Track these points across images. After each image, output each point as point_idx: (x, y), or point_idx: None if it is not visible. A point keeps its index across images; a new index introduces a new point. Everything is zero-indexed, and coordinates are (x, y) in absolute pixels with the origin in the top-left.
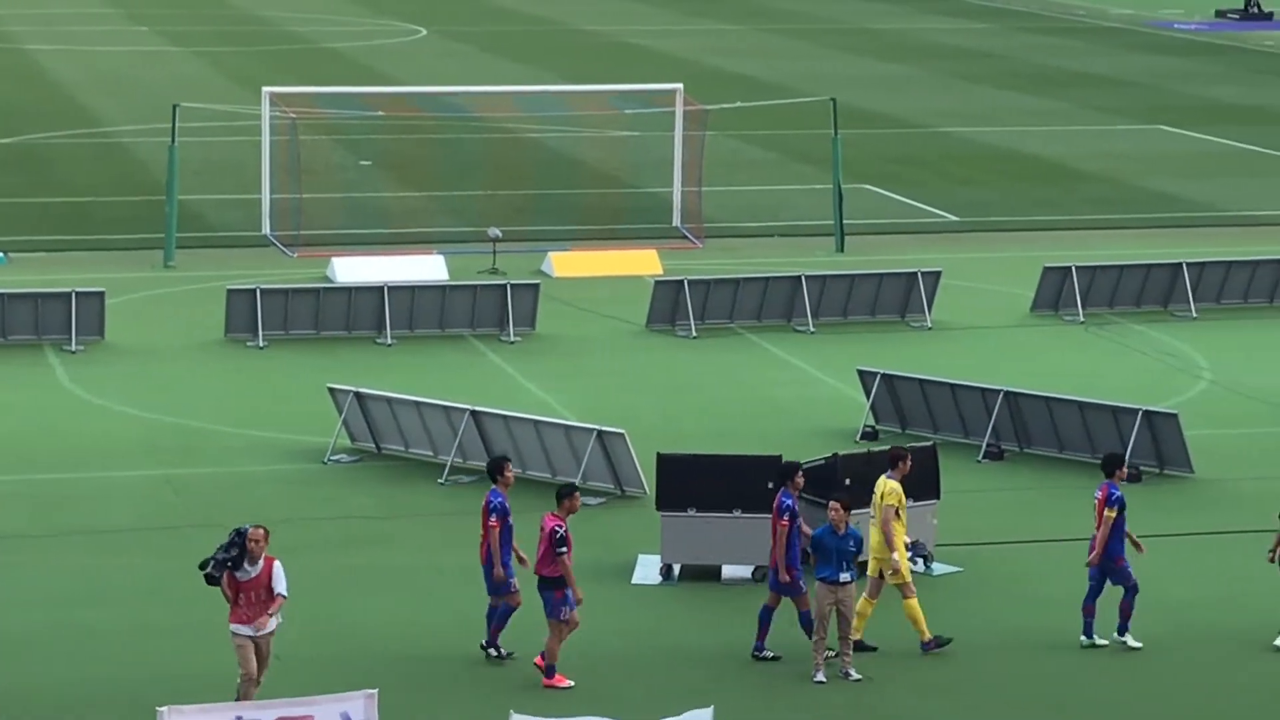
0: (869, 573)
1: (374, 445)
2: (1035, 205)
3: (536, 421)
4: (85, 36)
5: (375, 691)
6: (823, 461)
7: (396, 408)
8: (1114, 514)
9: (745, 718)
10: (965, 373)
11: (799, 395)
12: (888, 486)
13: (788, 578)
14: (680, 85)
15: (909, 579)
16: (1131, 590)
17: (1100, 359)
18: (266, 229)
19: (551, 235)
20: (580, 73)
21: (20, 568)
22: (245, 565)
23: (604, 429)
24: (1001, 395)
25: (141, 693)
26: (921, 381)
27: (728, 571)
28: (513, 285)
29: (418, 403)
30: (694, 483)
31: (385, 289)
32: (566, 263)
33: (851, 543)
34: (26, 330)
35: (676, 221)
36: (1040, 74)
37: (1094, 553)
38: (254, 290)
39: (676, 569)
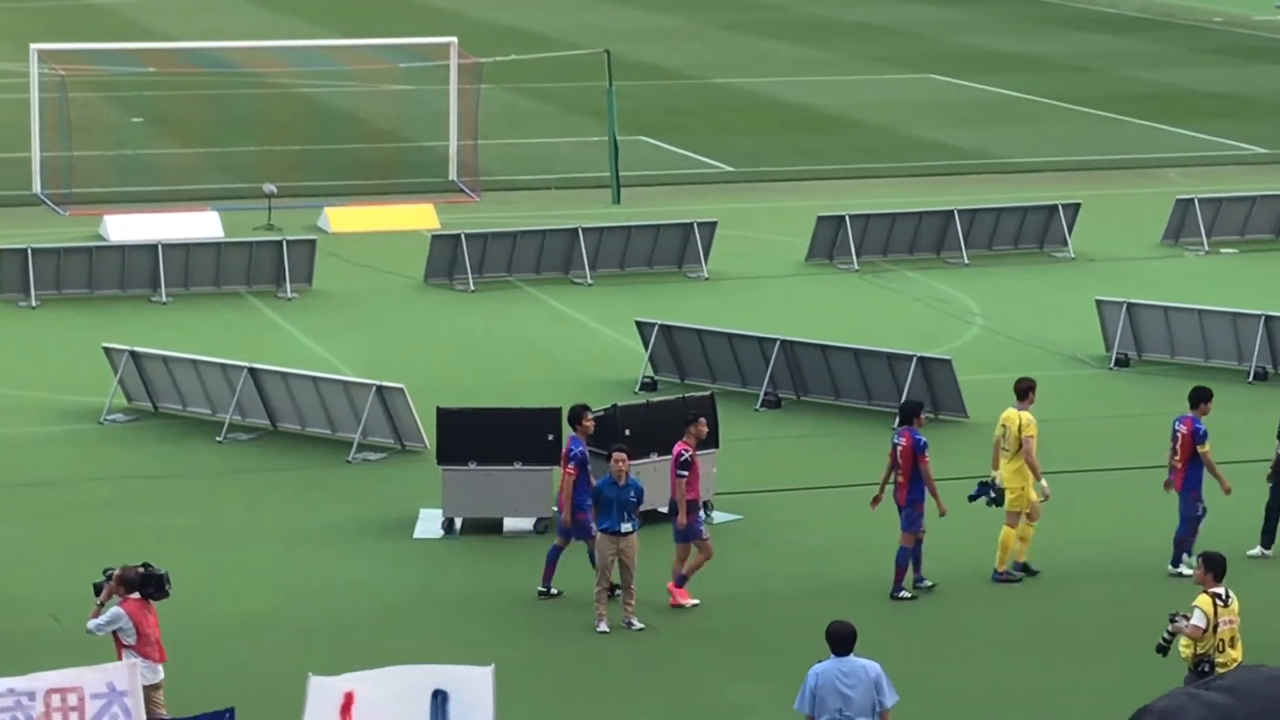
0: (1006, 506)
1: (151, 404)
2: (808, 155)
3: (315, 378)
4: None
5: (136, 661)
6: (602, 413)
7: (173, 366)
8: (1206, 448)
9: (529, 669)
10: (742, 322)
11: (578, 347)
12: (1024, 419)
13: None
14: (455, 39)
15: (1039, 508)
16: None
17: (875, 306)
18: (37, 188)
19: (327, 191)
20: (354, 27)
21: None
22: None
23: (383, 384)
24: (778, 344)
25: None
26: (699, 332)
27: (509, 524)
28: (289, 241)
29: (195, 361)
30: (474, 436)
31: (159, 247)
32: (342, 218)
33: (632, 493)
34: None
35: (453, 175)
36: (811, 23)
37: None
38: (25, 250)
39: (458, 523)
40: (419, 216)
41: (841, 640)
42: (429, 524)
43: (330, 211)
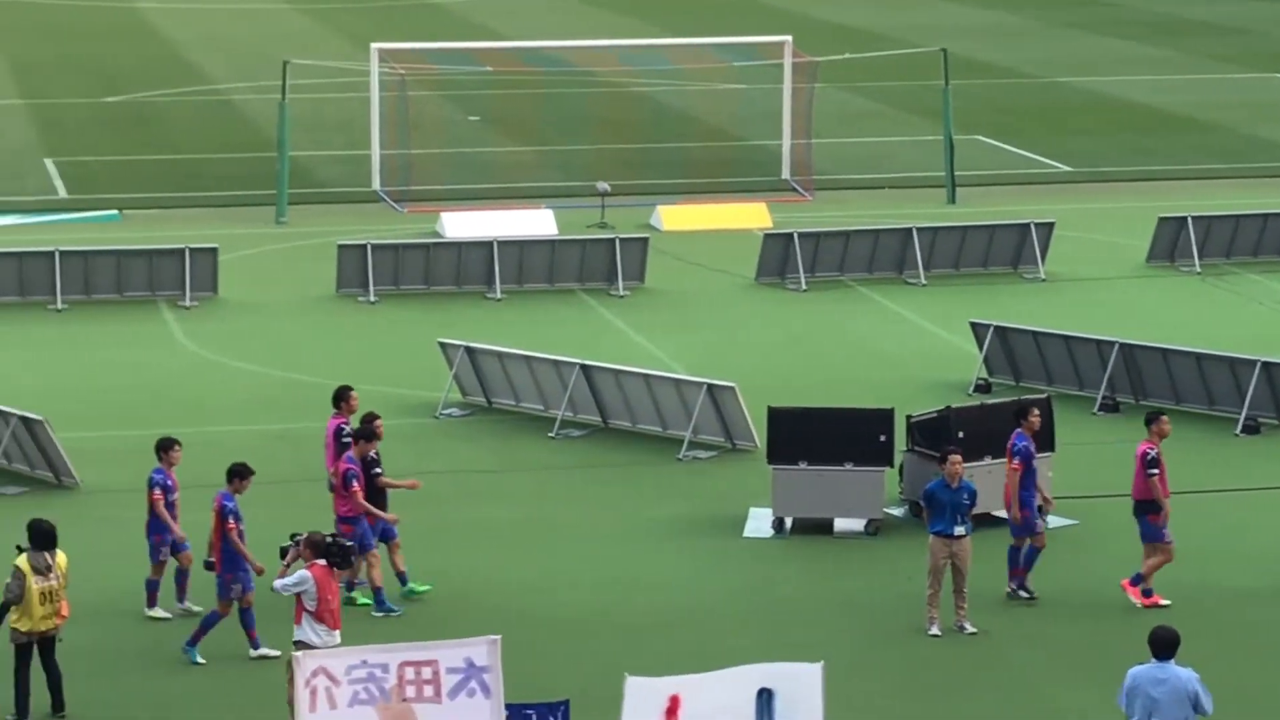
0: None
1: (485, 400)
2: (1148, 155)
3: (647, 376)
4: None
5: (498, 638)
6: (935, 414)
7: (507, 362)
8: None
9: (858, 671)
10: (1080, 324)
11: (910, 348)
12: None
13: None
14: (789, 38)
15: None
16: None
17: (1217, 310)
18: (377, 185)
19: (660, 189)
20: (687, 25)
21: (131, 522)
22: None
23: (715, 382)
24: (1117, 347)
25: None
26: (1035, 334)
27: (840, 525)
28: (621, 239)
29: (528, 357)
30: (805, 436)
31: (494, 244)
32: (675, 216)
33: (965, 496)
34: (141, 287)
35: (786, 174)
36: (1154, 22)
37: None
38: (364, 246)
39: (788, 522)
40: (751, 215)
41: (1162, 645)
42: (759, 523)
43: (663, 210)
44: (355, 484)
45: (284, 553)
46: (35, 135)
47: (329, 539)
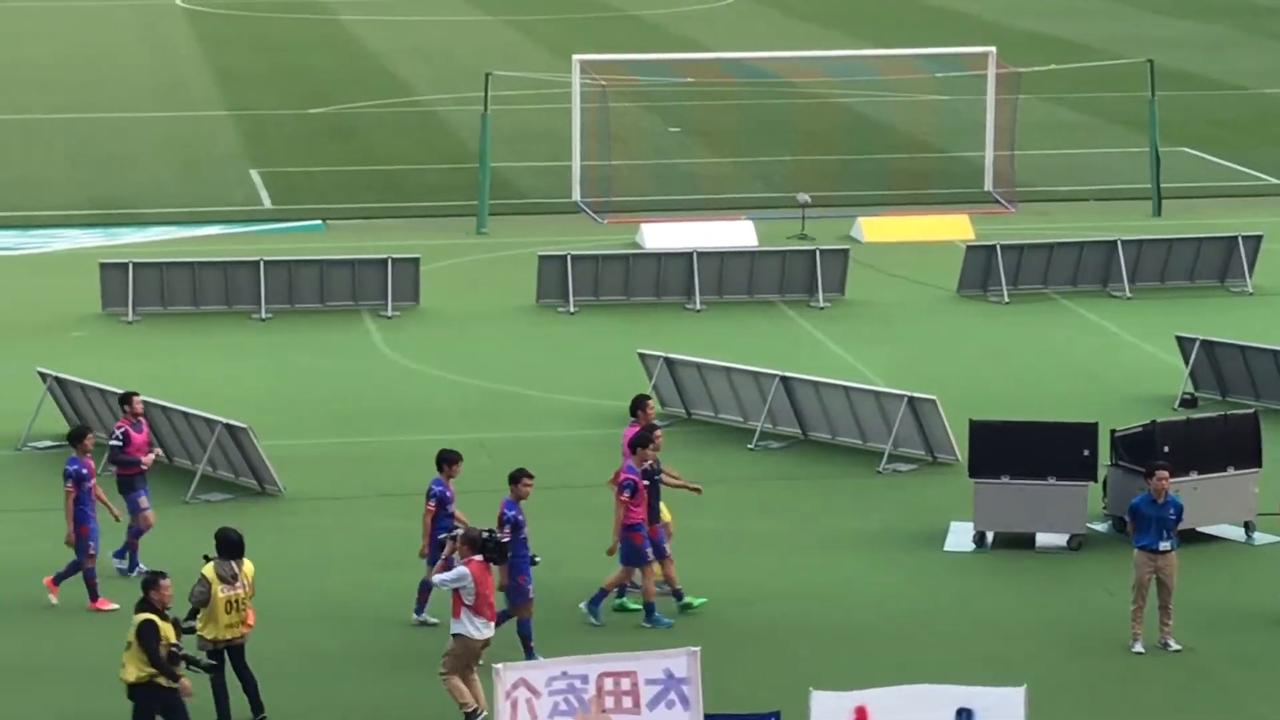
0: None
1: (684, 410)
2: None
3: (847, 388)
4: (398, 6)
5: (697, 649)
6: (1140, 429)
7: (706, 373)
8: None
9: (1059, 688)
10: None
11: (1115, 361)
12: None
13: None
14: (993, 49)
15: None
16: None
17: None
18: (577, 195)
19: (861, 200)
20: (887, 36)
21: (331, 530)
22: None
23: (915, 395)
24: None
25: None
26: (1242, 348)
27: (1042, 540)
28: (822, 251)
29: (727, 368)
30: (1008, 449)
31: (694, 255)
32: (876, 228)
33: (1171, 511)
34: (344, 296)
35: (988, 186)
36: None
37: None
38: (564, 257)
39: (989, 536)
40: (953, 227)
41: None
42: (960, 537)
43: (864, 221)
44: (627, 493)
45: (440, 545)
46: (242, 146)
47: (485, 534)
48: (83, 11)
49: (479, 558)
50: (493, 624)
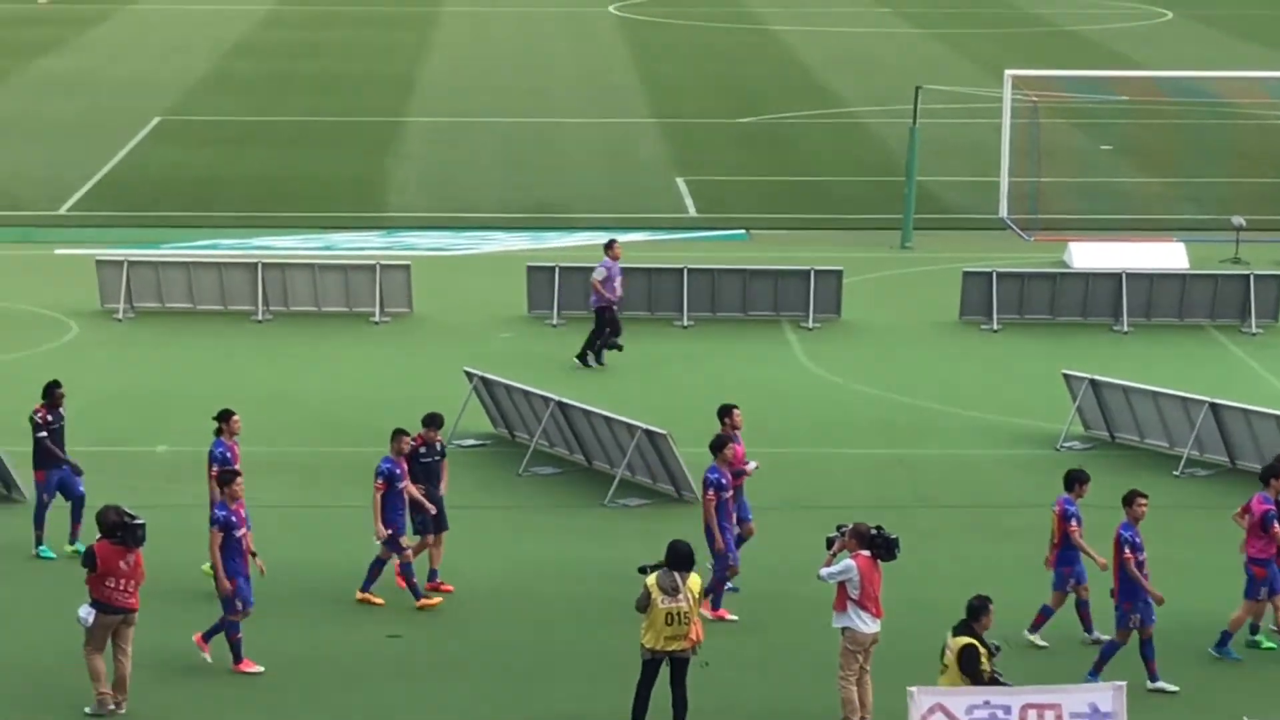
0: None
1: (1108, 434)
2: None
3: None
4: (829, 18)
5: (1123, 684)
6: None
7: (1132, 396)
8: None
9: None
10: None
11: None
12: None
13: None
14: None
15: None
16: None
17: None
18: (1003, 212)
19: None
20: None
21: (749, 542)
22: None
23: None
24: None
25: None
26: None
27: None
28: (1256, 276)
29: (1154, 392)
30: None
31: (1123, 275)
32: None
33: None
34: (766, 306)
35: None
36: None
37: None
38: (990, 273)
39: None
40: None
41: None
42: None
43: None
44: (1276, 525)
45: (829, 543)
46: (669, 154)
47: (874, 530)
48: (518, 18)
49: (866, 553)
50: (879, 619)
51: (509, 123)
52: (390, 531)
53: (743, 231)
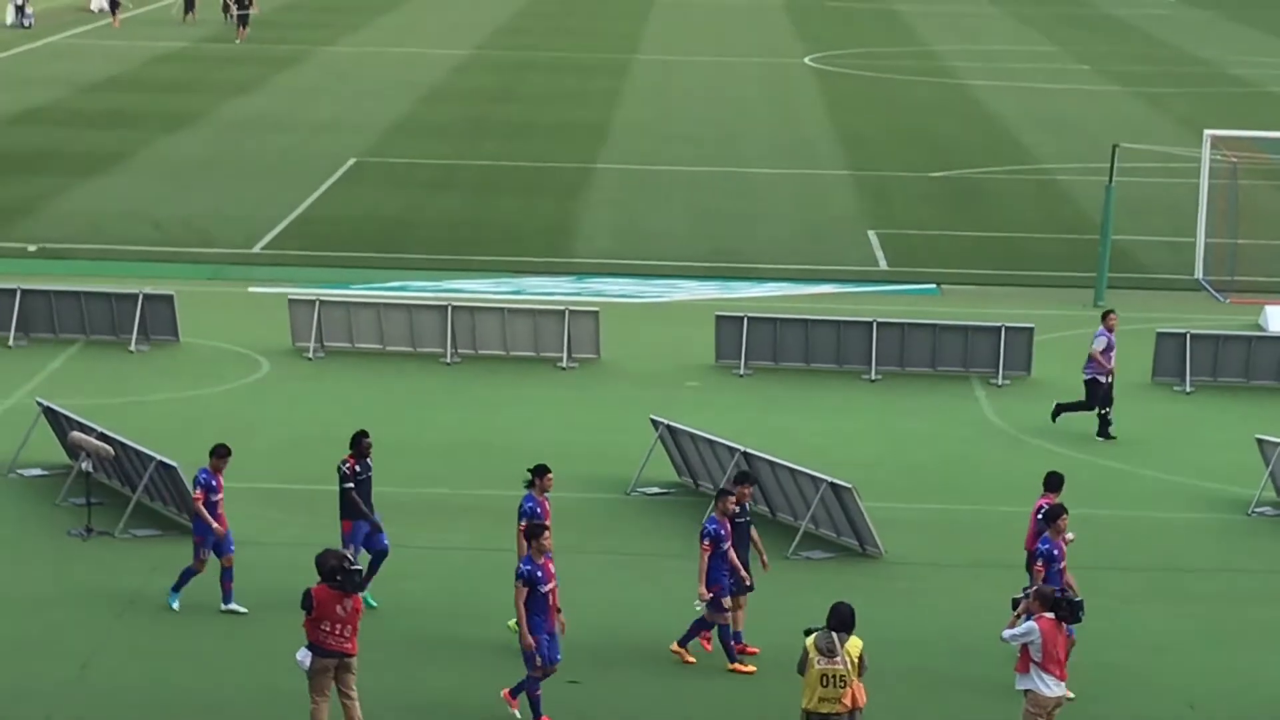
0: None
1: None
2: None
3: None
4: (1026, 74)
5: None
6: None
7: None
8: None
9: None
10: None
11: None
12: None
13: None
14: None
15: None
16: None
17: None
18: (1199, 273)
19: None
20: None
21: (932, 597)
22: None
23: None
24: None
25: None
26: None
27: None
28: None
29: None
30: None
31: None
32: None
33: None
34: (955, 362)
35: None
36: None
37: None
38: (1184, 334)
39: None
40: None
41: None
42: None
43: None
44: None
45: (1015, 604)
46: (861, 207)
47: (1058, 593)
48: (713, 66)
49: (1050, 615)
50: (1063, 682)
51: (700, 171)
52: (712, 594)
53: (934, 286)
